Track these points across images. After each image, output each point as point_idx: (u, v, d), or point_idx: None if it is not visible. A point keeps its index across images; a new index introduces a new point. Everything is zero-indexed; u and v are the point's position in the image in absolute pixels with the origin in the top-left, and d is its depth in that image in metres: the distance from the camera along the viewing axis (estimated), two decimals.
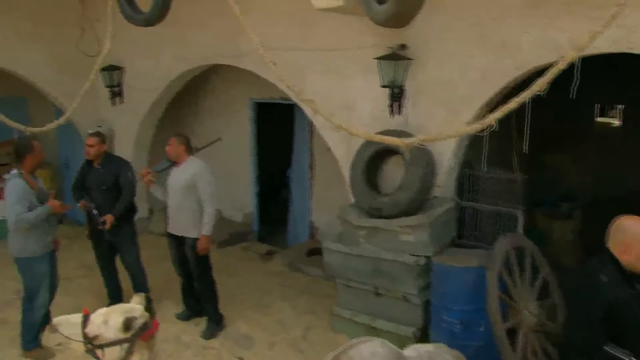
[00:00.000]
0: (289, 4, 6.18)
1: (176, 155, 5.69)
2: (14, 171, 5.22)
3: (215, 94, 9.16)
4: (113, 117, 8.73)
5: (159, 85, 7.94)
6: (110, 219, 5.83)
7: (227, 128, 9.12)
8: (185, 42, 7.37)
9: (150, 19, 5.45)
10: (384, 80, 5.32)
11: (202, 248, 5.59)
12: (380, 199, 5.28)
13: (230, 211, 9.44)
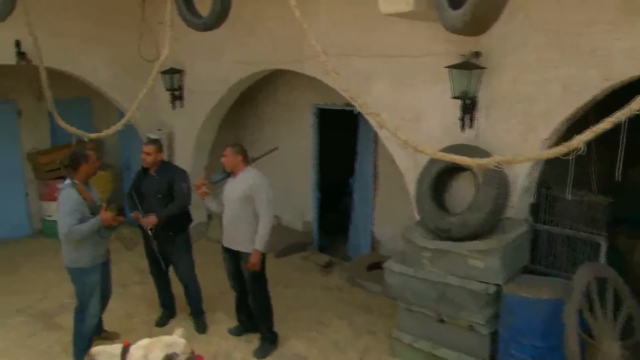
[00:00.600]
0: (354, 8, 5.85)
1: (233, 166, 5.46)
2: (67, 181, 5.11)
3: (277, 98, 8.92)
4: (173, 120, 8.61)
5: (220, 88, 7.75)
6: (153, 220, 5.68)
7: (288, 133, 8.88)
8: (247, 46, 7.15)
9: (209, 23, 5.25)
10: (455, 90, 4.93)
11: (253, 264, 5.34)
12: (448, 219, 4.89)
13: (290, 218, 9.21)
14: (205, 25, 5.30)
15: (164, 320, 6.29)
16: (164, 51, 5.34)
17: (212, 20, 5.21)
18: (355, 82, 5.75)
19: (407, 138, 3.60)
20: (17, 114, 9.17)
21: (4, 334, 6.17)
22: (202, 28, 5.34)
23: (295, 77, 7.41)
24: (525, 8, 4.57)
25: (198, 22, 5.34)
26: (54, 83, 8.15)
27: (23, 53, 7.09)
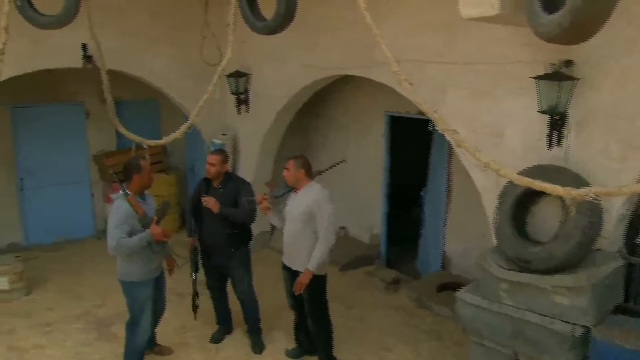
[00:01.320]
0: (430, 11, 5.38)
1: (295, 181, 5.10)
2: (120, 192, 4.88)
3: (347, 104, 8.52)
4: (238, 124, 8.37)
5: (287, 93, 7.42)
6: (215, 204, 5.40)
7: (358, 141, 8.49)
8: (315, 50, 6.79)
9: (273, 26, 4.90)
10: (543, 104, 4.37)
11: (299, 282, 5.00)
12: (530, 248, 4.34)
13: (357, 230, 8.80)
14: (268, 28, 4.95)
15: (220, 336, 6.02)
16: (226, 56, 5.11)
17: (275, 23, 4.85)
18: (429, 90, 5.29)
19: (486, 155, 3.15)
20: (85, 115, 9.16)
21: (61, 341, 6.13)
22: (266, 31, 5.00)
23: (367, 83, 7.00)
24: (631, 8, 3.95)
25: (261, 25, 5.00)
26: (122, 84, 8.12)
27: (89, 56, 6.98)
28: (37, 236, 9.10)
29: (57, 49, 6.83)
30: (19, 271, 7.09)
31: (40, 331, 6.32)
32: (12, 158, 8.78)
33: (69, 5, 5.46)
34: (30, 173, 8.92)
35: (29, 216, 9.07)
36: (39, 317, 6.62)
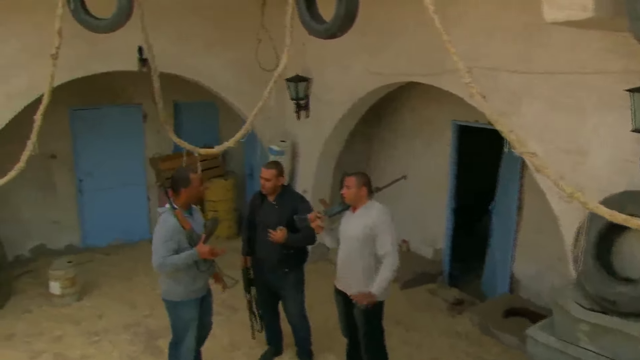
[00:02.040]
0: (506, 14, 4.88)
1: (355, 200, 4.68)
2: (167, 205, 4.60)
3: (412, 111, 8.05)
4: (298, 130, 8.04)
5: (349, 99, 7.02)
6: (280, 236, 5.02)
7: (423, 150, 8.01)
8: (379, 54, 6.36)
9: (332, 29, 4.51)
10: (637, 121, 3.81)
11: (360, 298, 4.52)
12: (616, 287, 3.79)
13: (418, 244, 8.32)
14: (327, 32, 4.55)
15: (269, 357, 5.69)
16: (282, 61, 4.77)
17: (335, 27, 4.45)
18: (501, 101, 4.81)
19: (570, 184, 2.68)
20: (142, 117, 9.05)
21: (108, 352, 6.00)
22: (325, 35, 4.61)
23: (434, 89, 6.49)
24: None
25: (319, 28, 4.62)
26: (181, 86, 7.95)
27: (145, 59, 6.80)
28: (94, 238, 9.07)
29: (114, 51, 6.68)
30: (71, 276, 7.00)
31: (89, 340, 6.20)
32: (72, 160, 8.75)
33: (121, 8, 5.22)
34: (88, 175, 8.89)
35: (86, 218, 9.04)
36: (89, 325, 6.51)
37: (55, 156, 8.63)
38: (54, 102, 7.93)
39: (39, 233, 8.74)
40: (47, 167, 8.62)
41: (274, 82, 4.90)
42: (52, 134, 8.48)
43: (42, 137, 8.38)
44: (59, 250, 8.82)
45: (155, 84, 5.95)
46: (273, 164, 5.42)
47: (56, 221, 8.84)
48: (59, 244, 8.89)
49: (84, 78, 6.96)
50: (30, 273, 8.07)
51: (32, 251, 8.72)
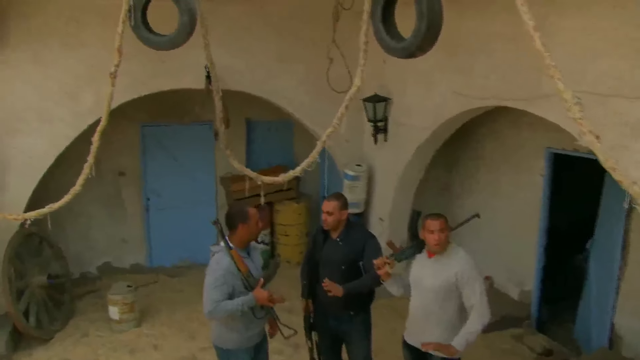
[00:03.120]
0: (620, 25, 4.11)
1: (440, 245, 4.04)
2: (222, 244, 4.11)
3: (501, 136, 7.29)
4: (375, 154, 7.45)
5: (431, 123, 6.36)
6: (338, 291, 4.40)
7: (510, 180, 7.24)
8: (466, 74, 5.69)
9: (411, 48, 3.92)
10: None
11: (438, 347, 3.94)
12: None
13: (503, 282, 7.56)
14: (406, 51, 3.98)
15: None
16: (354, 83, 4.24)
17: (415, 45, 3.87)
18: (613, 134, 4.05)
19: None
20: (214, 135, 8.71)
21: None
22: (403, 54, 4.04)
23: (526, 112, 5.75)
24: None
25: (397, 47, 4.05)
26: (254, 104, 7.53)
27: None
28: (160, 258, 8.85)
29: (182, 69, 6.38)
30: (130, 302, 6.72)
31: None
32: (140, 177, 8.55)
33: (183, 25, 4.87)
34: (156, 193, 8.67)
35: (153, 237, 8.83)
36: (143, 356, 6.20)
37: (124, 173, 8.47)
38: (124, 118, 7.87)
39: (106, 251, 8.63)
40: (115, 184, 8.49)
41: (345, 107, 4.40)
42: (122, 150, 8.36)
43: (111, 153, 8.44)
44: (124, 268, 8.71)
45: (218, 109, 5.58)
46: (335, 195, 4.83)
47: (123, 239, 8.70)
48: (125, 263, 8.75)
49: (154, 94, 6.74)
50: (94, 293, 7.92)
51: (99, 269, 8.62)
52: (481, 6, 5.36)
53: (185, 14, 4.84)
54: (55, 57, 6.20)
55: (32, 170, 6.38)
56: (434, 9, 3.73)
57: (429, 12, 3.71)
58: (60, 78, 6.25)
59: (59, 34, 6.15)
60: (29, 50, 6.12)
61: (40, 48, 6.14)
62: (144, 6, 4.97)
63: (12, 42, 6.07)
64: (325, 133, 4.56)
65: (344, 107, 4.48)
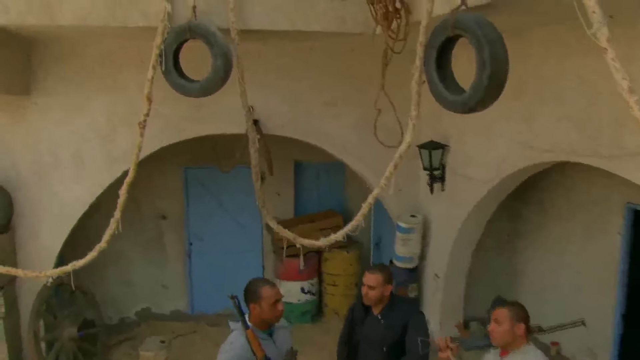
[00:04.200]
0: None
1: (508, 340, 3.36)
2: (238, 323, 3.55)
3: (570, 190, 6.52)
4: (431, 205, 6.82)
5: (494, 176, 5.68)
6: None
7: (583, 235, 6.50)
8: (534, 123, 5.03)
9: (470, 103, 3.36)
10: None
11: None
12: None
13: (574, 351, 6.73)
14: (465, 106, 3.44)
15: None
16: (405, 139, 3.73)
17: (475, 99, 3.33)
18: None
19: None
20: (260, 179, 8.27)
21: None
22: (461, 109, 3.49)
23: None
24: None
25: (455, 100, 3.48)
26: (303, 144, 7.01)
27: (255, 120, 6.01)
28: (202, 305, 8.42)
29: (220, 113, 5.95)
30: (162, 359, 6.24)
31: None
32: (182, 221, 8.18)
33: (216, 71, 4.45)
34: (199, 238, 8.30)
35: (195, 283, 8.44)
36: None
37: (165, 217, 8.14)
38: (166, 161, 7.51)
39: (146, 296, 8.29)
40: (157, 228, 8.16)
41: (394, 166, 3.87)
42: (164, 193, 8.05)
43: (152, 196, 8.07)
44: (164, 315, 8.33)
45: (254, 160, 5.13)
46: (379, 268, 4.22)
47: (164, 285, 8.34)
48: (164, 309, 8.37)
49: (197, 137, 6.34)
50: (131, 341, 7.53)
51: (138, 314, 8.27)
52: (551, 47, 4.74)
53: (219, 58, 4.44)
54: (91, 101, 5.90)
55: (64, 218, 6.06)
56: (498, 57, 3.17)
57: (492, 61, 3.15)
58: (96, 122, 5.94)
59: (94, 76, 5.86)
60: (64, 93, 5.85)
61: (75, 91, 5.86)
62: (176, 50, 4.60)
63: (47, 86, 5.81)
64: (372, 194, 4.07)
65: (392, 166, 3.97)
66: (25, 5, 4.56)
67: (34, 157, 5.94)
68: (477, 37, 3.16)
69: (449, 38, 3.45)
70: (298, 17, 4.95)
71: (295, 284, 8.05)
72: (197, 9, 4.63)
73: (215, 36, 4.42)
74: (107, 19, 4.62)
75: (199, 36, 4.44)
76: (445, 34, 3.43)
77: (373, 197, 4.05)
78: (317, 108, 6.41)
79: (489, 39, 3.15)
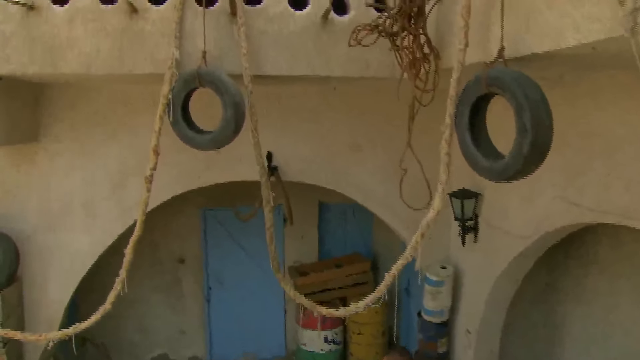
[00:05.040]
0: None
1: None
2: None
3: (616, 242, 5.94)
4: (462, 257, 6.32)
5: (532, 233, 5.13)
6: None
7: (633, 298, 5.85)
8: (580, 180, 4.50)
9: (508, 172, 2.91)
10: None
11: None
12: None
13: None
14: (502, 175, 2.99)
15: None
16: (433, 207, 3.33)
17: (514, 168, 2.88)
18: None
19: None
20: (283, 221, 7.89)
21: None
22: (498, 177, 3.04)
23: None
24: None
25: (490, 167, 3.04)
26: None
27: (275, 167, 5.64)
28: (222, 351, 8.17)
29: (237, 160, 5.55)
30: None
31: None
32: (201, 265, 7.84)
33: (227, 122, 4.09)
34: (218, 281, 7.97)
35: (214, 329, 8.15)
36: None
37: (183, 261, 7.85)
38: (184, 202, 7.18)
39: (163, 342, 8.04)
40: (174, 272, 7.83)
41: (420, 235, 3.47)
42: (182, 236, 7.77)
43: (170, 239, 7.76)
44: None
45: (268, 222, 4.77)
46: (399, 351, 3.87)
47: (182, 330, 8.04)
48: (182, 355, 8.12)
49: None
50: None
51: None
52: (600, 94, 4.24)
53: (230, 108, 4.08)
54: (102, 147, 5.59)
55: (74, 268, 5.73)
56: (541, 122, 2.73)
57: (534, 127, 2.71)
58: (107, 169, 5.62)
59: (105, 121, 5.56)
60: (74, 139, 5.56)
61: (85, 137, 5.56)
62: (185, 99, 4.26)
63: (56, 131, 5.53)
64: (396, 266, 3.65)
65: (419, 235, 3.56)
66: (27, 55, 4.27)
67: (42, 206, 5.63)
68: (517, 98, 2.72)
69: (484, 95, 3.03)
70: (318, 62, 4.55)
71: (319, 332, 7.62)
72: (209, 53, 4.29)
73: (225, 84, 4.06)
74: (112, 67, 4.30)
75: (208, 84, 4.09)
76: (479, 92, 3.01)
77: (397, 268, 3.64)
78: (340, 152, 5.98)
79: (531, 101, 2.71)
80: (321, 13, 4.51)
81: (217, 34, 4.38)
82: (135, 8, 4.19)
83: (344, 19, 4.64)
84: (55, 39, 4.27)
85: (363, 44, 3.88)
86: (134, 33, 4.29)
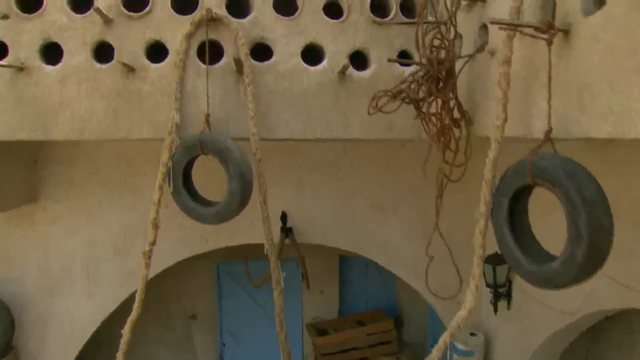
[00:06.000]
0: None
1: None
2: None
3: None
4: (494, 325, 5.76)
5: (577, 309, 4.57)
6: None
7: None
8: (631, 261, 3.95)
9: (556, 280, 2.43)
10: None
11: None
12: None
13: None
14: (549, 283, 2.50)
15: None
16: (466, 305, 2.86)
17: (566, 278, 2.38)
18: None
19: None
20: (301, 275, 7.41)
21: None
22: (544, 284, 2.56)
23: None
24: None
25: (535, 272, 2.56)
26: None
27: (289, 228, 5.20)
28: None
29: (248, 222, 5.10)
30: None
31: None
32: (215, 321, 7.37)
33: (232, 195, 3.65)
34: (233, 338, 7.45)
35: None
36: None
37: (195, 317, 7.38)
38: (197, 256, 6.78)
39: None
40: (186, 329, 7.36)
41: (449, 336, 2.97)
42: (194, 291, 7.34)
43: (181, 294, 7.30)
44: None
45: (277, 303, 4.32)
46: None
47: None
48: None
49: None
50: None
51: None
52: None
53: (235, 180, 3.64)
54: (103, 207, 5.22)
55: (74, 336, 5.33)
56: (600, 226, 2.23)
57: (591, 232, 2.22)
58: (109, 230, 5.24)
59: (106, 180, 5.20)
60: (74, 199, 5.20)
61: (86, 197, 5.20)
62: (187, 167, 3.84)
63: (55, 191, 5.18)
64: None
65: (448, 335, 3.05)
66: (17, 120, 3.88)
67: (41, 270, 5.26)
68: (570, 197, 2.25)
69: (527, 185, 2.56)
70: (335, 124, 4.08)
71: None
72: (213, 115, 3.88)
73: (230, 152, 3.63)
74: (107, 131, 3.88)
75: (211, 153, 3.67)
76: (522, 182, 2.54)
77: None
78: (362, 212, 5.52)
79: (586, 199, 2.23)
80: (338, 68, 4.06)
81: (222, 94, 3.94)
82: (132, 67, 3.79)
83: (364, 75, 4.17)
84: (46, 101, 3.89)
85: (384, 111, 3.43)
86: (130, 93, 3.89)
